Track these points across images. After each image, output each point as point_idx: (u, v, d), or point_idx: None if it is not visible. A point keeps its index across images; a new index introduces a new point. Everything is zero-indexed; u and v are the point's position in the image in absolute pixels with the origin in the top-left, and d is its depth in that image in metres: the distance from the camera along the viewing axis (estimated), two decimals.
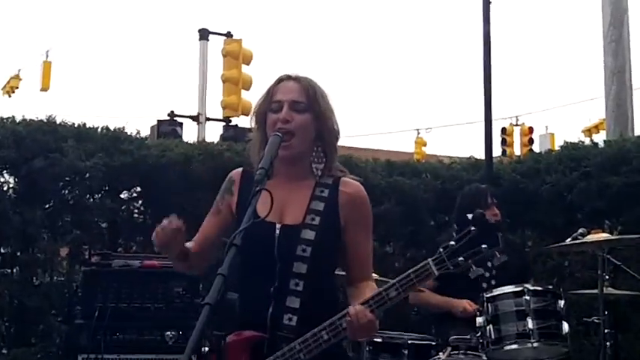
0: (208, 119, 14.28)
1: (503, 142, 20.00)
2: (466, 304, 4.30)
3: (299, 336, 2.28)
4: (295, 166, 2.48)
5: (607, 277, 4.31)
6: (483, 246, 2.20)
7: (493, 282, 4.38)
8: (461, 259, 2.21)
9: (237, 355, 2.33)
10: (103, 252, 4.90)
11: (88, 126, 6.18)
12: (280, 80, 2.50)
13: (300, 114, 2.43)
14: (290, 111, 2.42)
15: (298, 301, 2.34)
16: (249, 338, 2.34)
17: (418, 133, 24.41)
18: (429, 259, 2.23)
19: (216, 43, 14.07)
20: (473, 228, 2.22)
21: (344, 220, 2.45)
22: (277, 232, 2.40)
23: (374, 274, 2.65)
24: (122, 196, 6.17)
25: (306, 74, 2.54)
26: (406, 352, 4.46)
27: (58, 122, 6.00)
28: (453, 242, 2.22)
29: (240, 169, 2.59)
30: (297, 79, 2.49)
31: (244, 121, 13.29)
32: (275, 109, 2.45)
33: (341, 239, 2.46)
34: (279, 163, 2.37)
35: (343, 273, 2.52)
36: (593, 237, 4.24)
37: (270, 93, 2.49)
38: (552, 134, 21.58)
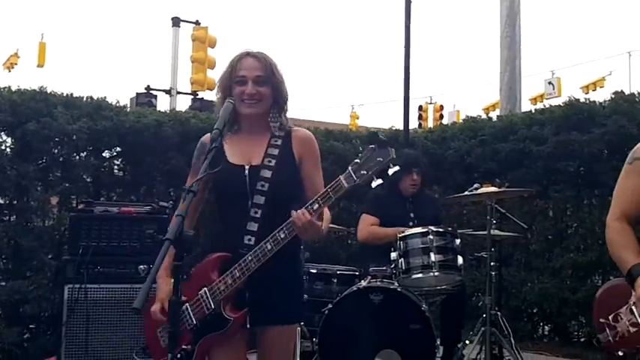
0: (179, 93, 14.08)
1: (420, 117, 20.19)
2: (403, 229, 4.29)
3: None
4: (256, 123, 2.49)
5: (494, 221, 4.42)
6: (379, 159, 2.17)
7: (416, 221, 4.46)
8: (363, 171, 2.18)
9: (209, 273, 2.35)
10: (87, 200, 4.79)
11: (75, 95, 5.97)
12: (241, 57, 2.47)
13: (262, 86, 2.43)
14: (254, 85, 2.42)
15: (256, 226, 2.36)
16: (218, 257, 2.37)
17: (352, 108, 24.52)
18: (340, 175, 2.21)
19: (186, 30, 13.87)
20: (372, 146, 2.19)
21: (298, 156, 2.46)
22: (246, 172, 2.41)
23: None
24: (104, 154, 6.00)
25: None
26: (335, 280, 4.55)
27: (48, 92, 5.77)
28: (357, 160, 2.19)
29: (209, 134, 2.57)
30: (255, 56, 2.47)
31: (209, 95, 13.17)
32: (240, 84, 2.43)
33: (298, 175, 2.46)
34: (244, 121, 2.48)
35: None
36: (484, 190, 4.34)
37: (234, 68, 2.46)
38: (458, 111, 21.90)
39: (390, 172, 2.20)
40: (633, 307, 2.27)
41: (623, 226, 2.36)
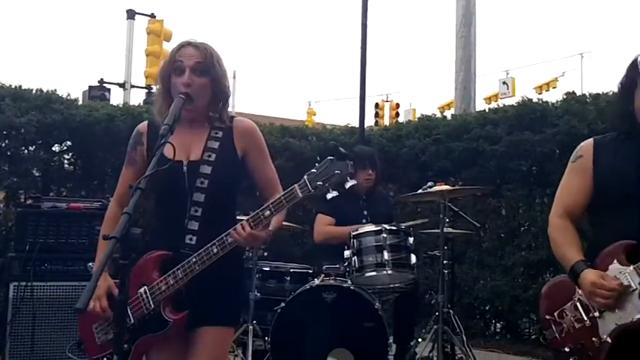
0: (133, 86, 13.92)
1: (376, 114, 20.33)
2: (357, 227, 4.27)
3: None
4: (197, 117, 2.39)
5: (447, 220, 4.46)
6: (337, 171, 2.16)
7: (370, 219, 4.46)
8: (319, 182, 2.15)
9: (150, 271, 2.28)
10: (36, 195, 4.65)
11: (23, 87, 5.82)
12: (182, 46, 2.36)
13: (200, 77, 2.32)
14: (191, 74, 2.31)
15: (197, 224, 2.29)
16: (158, 256, 2.30)
17: (309, 105, 24.52)
18: (295, 184, 2.17)
19: (141, 22, 13.68)
20: (330, 158, 2.17)
21: (242, 150, 2.38)
22: (185, 168, 2.32)
23: None
24: (54, 148, 5.88)
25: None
26: (288, 278, 4.52)
27: None
28: (314, 170, 2.17)
29: (146, 122, 2.48)
30: (196, 45, 2.36)
31: None
32: (178, 72, 2.32)
33: (241, 170, 2.38)
34: (183, 113, 2.31)
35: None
36: (437, 188, 4.37)
37: (173, 57, 2.35)
38: (414, 109, 22.09)
39: (347, 185, 2.19)
40: (577, 304, 2.32)
41: (565, 224, 2.41)
